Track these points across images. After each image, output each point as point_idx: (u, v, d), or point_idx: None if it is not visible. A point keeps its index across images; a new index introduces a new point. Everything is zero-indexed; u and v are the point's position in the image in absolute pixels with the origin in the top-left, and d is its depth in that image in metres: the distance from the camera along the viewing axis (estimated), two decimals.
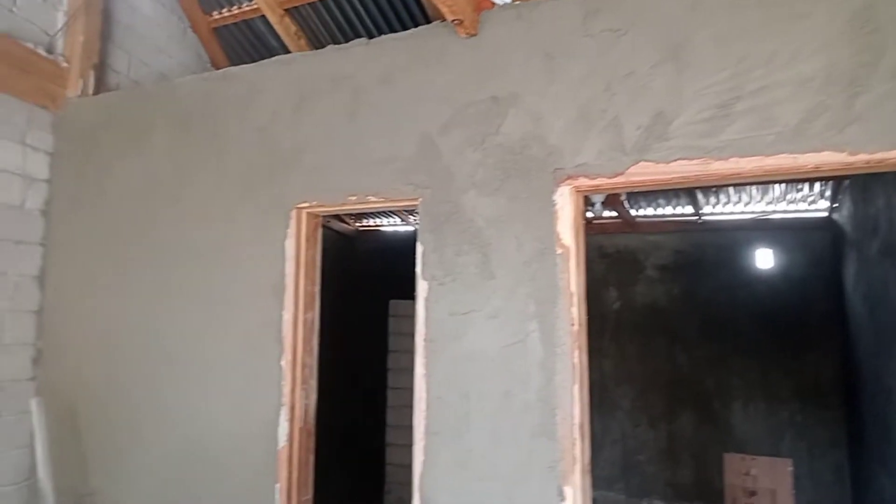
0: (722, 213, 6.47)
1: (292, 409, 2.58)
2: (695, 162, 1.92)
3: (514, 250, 2.18)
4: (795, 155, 1.82)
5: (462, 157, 2.29)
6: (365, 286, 7.45)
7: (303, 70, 2.68)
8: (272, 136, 2.71)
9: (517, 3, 2.28)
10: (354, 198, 2.51)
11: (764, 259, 6.43)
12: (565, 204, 2.11)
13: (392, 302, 5.92)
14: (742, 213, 6.40)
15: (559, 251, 2.10)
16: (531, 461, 2.09)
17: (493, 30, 2.29)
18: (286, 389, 2.58)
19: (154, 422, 2.85)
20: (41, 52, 3.26)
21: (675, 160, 1.95)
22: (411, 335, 5.68)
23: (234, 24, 4.54)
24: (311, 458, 2.68)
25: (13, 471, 3.12)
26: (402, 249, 6.93)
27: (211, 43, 4.64)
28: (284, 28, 4.28)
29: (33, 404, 2.98)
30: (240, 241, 2.74)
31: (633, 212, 6.37)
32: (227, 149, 2.82)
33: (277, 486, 2.54)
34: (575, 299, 2.08)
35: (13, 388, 3.12)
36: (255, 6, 4.27)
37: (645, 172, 2.00)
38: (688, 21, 2.01)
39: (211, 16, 4.52)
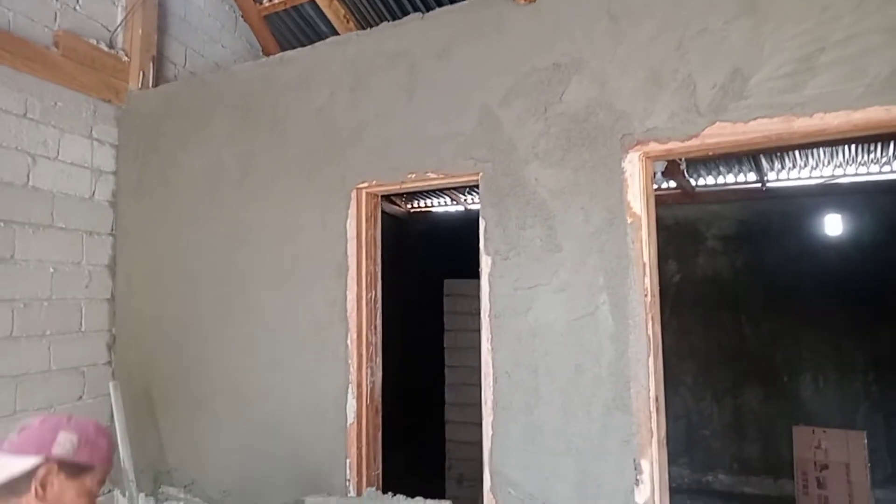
0: (787, 180, 6.18)
1: (359, 386, 2.61)
2: (776, 120, 1.81)
3: (581, 221, 2.12)
4: (888, 107, 1.69)
5: (524, 127, 2.24)
6: (419, 267, 7.48)
7: (358, 49, 2.66)
8: (330, 117, 2.71)
9: None
10: (414, 175, 2.49)
11: (833, 226, 6.11)
12: (635, 171, 2.03)
13: (447, 281, 5.91)
14: (809, 178, 6.10)
15: (630, 220, 2.03)
16: (605, 435, 2.05)
17: None
18: (353, 367, 2.61)
19: (228, 400, 2.93)
20: (103, 47, 3.35)
21: (755, 119, 1.84)
22: (467, 314, 5.68)
23: (284, 10, 4.56)
24: (379, 435, 2.71)
25: None
26: (454, 229, 6.93)
27: (262, 31, 4.68)
28: (333, 11, 4.28)
29: (110, 387, 3.10)
30: (303, 223, 2.77)
31: (692, 181, 6.15)
32: (286, 132, 2.84)
33: (348, 460, 2.58)
34: (647, 269, 2.01)
35: (92, 373, 3.27)
36: None
37: (721, 133, 1.90)
38: None
39: (261, 3, 4.55)
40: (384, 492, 2.55)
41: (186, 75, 3.97)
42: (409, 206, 7.89)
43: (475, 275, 6.09)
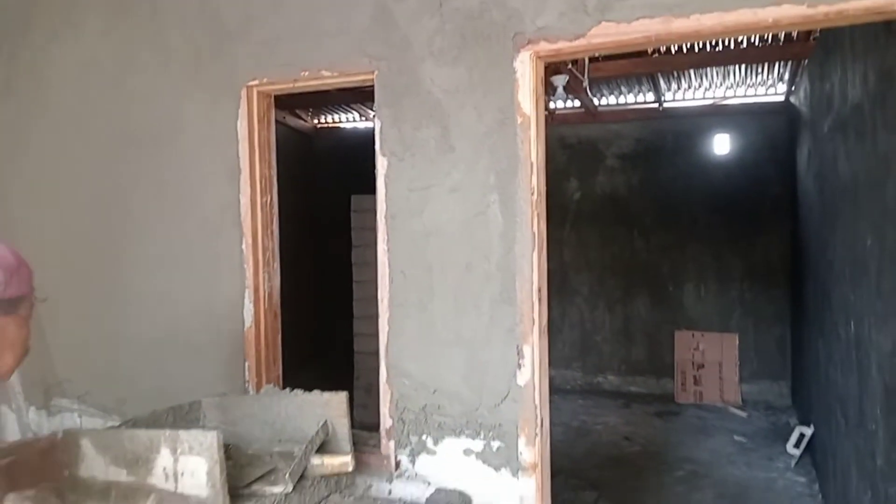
0: (683, 101, 6.48)
1: (256, 290, 2.60)
2: (656, 20, 1.88)
3: (473, 121, 2.15)
4: (756, 9, 1.79)
5: (419, 24, 2.20)
6: (325, 183, 7.35)
7: None
8: (215, 7, 2.53)
9: None
10: (307, 73, 2.40)
11: (721, 145, 6.53)
12: (525, 71, 2.06)
13: (354, 197, 5.85)
14: (703, 99, 6.42)
15: (519, 120, 2.07)
16: (492, 325, 2.18)
17: None
18: (249, 272, 2.58)
19: (120, 309, 2.84)
20: None
21: (637, 19, 1.90)
22: (374, 229, 5.72)
23: None
24: (279, 338, 2.74)
25: None
26: (362, 146, 6.81)
27: None
28: None
29: None
30: (189, 123, 2.63)
31: (595, 101, 6.31)
32: (167, 25, 2.64)
33: (246, 363, 2.60)
34: (535, 168, 2.09)
35: None
36: None
37: (607, 34, 1.95)
38: None
39: None
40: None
41: None
42: (315, 121, 7.64)
43: None
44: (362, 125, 7.44)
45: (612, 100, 6.59)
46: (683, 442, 5.55)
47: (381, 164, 2.32)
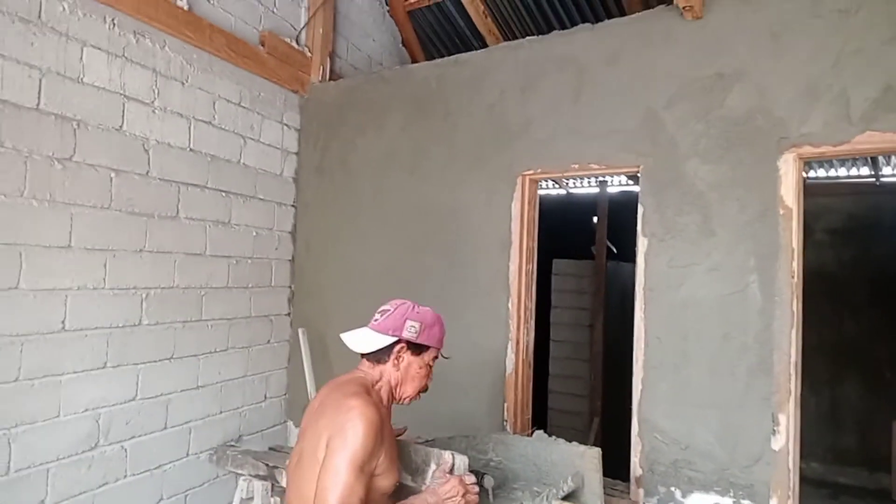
0: None
1: (517, 343, 3.08)
2: None
3: (735, 211, 2.47)
4: None
5: (686, 128, 2.60)
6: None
7: (529, 54, 3.08)
8: (501, 112, 3.15)
9: None
10: (577, 165, 2.90)
11: None
12: (789, 169, 2.37)
13: (555, 261, 6.30)
14: None
15: (782, 212, 2.37)
16: (747, 393, 2.42)
17: (720, 13, 2.54)
18: (513, 327, 3.07)
19: None
20: (294, 44, 3.92)
21: None
22: (572, 292, 6.12)
23: (427, 6, 5.03)
24: (531, 386, 3.17)
25: (277, 385, 3.93)
26: (560, 212, 7.28)
27: (405, 24, 5.17)
28: (475, 8, 4.71)
29: (300, 333, 3.73)
30: (471, 203, 3.24)
31: (804, 174, 6.23)
32: (458, 125, 3.31)
33: (506, 404, 3.06)
34: (795, 254, 2.36)
35: (278, 321, 3.90)
36: None
37: (871, 141, 2.21)
38: None
39: (407, 0, 5.04)
40: None
41: (348, 67, 4.51)
42: None
43: (578, 255, 6.50)
44: (554, 191, 7.95)
45: (821, 172, 6.44)
46: None
47: (642, 243, 2.71)
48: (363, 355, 1.96)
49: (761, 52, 2.45)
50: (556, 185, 7.81)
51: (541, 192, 3.20)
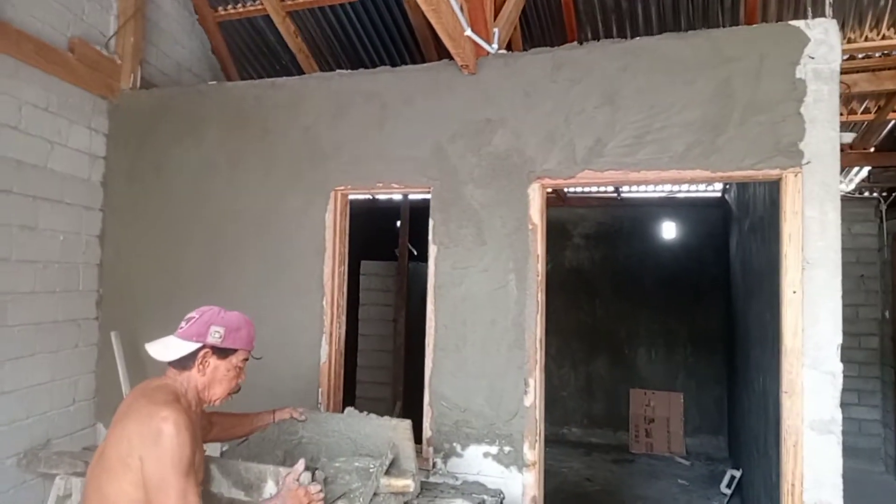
0: (637, 192, 7.80)
1: (331, 335, 3.55)
2: (619, 172, 3.03)
3: (500, 226, 3.22)
4: (681, 171, 2.94)
5: (464, 159, 3.30)
6: None
7: (340, 85, 3.56)
8: (315, 135, 3.59)
9: (505, 53, 3.28)
10: (381, 184, 3.46)
11: (668, 231, 7.84)
12: (535, 195, 3.17)
13: (363, 262, 6.85)
14: (654, 192, 7.75)
15: (531, 227, 3.16)
16: (507, 364, 3.18)
17: (489, 71, 3.28)
18: (327, 322, 3.54)
19: None
20: (104, 52, 3.94)
21: (607, 170, 3.04)
22: (379, 290, 6.79)
23: (238, 20, 5.24)
24: (342, 372, 3.66)
25: (86, 388, 3.92)
26: (369, 217, 7.85)
27: (215, 34, 5.30)
28: (286, 27, 5.05)
29: (112, 336, 3.78)
30: (289, 213, 3.62)
31: (565, 189, 7.56)
32: (276, 142, 3.67)
33: (320, 389, 3.52)
34: (540, 259, 3.17)
35: (86, 325, 3.90)
36: (260, 6, 5.01)
37: (588, 177, 3.09)
38: (620, 77, 3.08)
39: (217, 11, 5.18)
40: None
41: (158, 73, 4.58)
42: None
43: (384, 257, 7.25)
44: (362, 196, 8.49)
45: (578, 189, 7.85)
46: (636, 484, 6.52)
47: (433, 249, 3.35)
48: (169, 363, 1.98)
49: (518, 106, 3.22)
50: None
51: (350, 197, 3.66)
